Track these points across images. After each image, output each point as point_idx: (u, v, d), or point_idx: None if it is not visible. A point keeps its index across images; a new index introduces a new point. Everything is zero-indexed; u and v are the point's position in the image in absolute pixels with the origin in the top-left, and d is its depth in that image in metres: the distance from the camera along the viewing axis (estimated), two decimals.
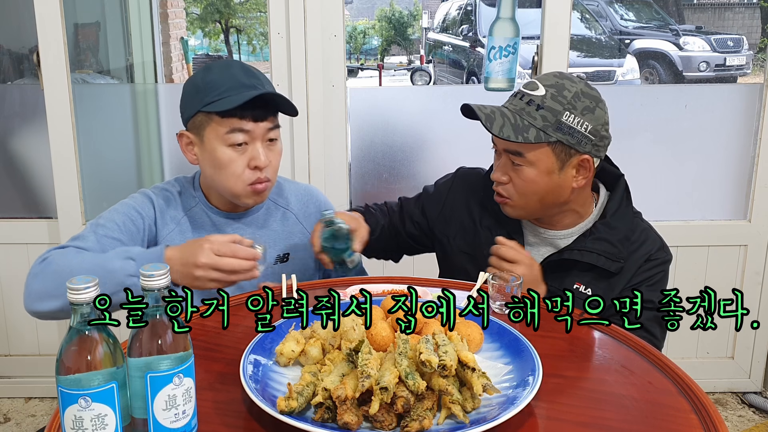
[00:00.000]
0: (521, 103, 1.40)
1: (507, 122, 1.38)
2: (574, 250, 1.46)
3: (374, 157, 2.53)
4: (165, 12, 4.69)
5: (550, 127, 1.37)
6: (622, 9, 8.73)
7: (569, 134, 1.38)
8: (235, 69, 1.44)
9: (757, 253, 2.55)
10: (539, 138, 1.37)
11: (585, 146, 1.40)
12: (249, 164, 1.42)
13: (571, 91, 1.39)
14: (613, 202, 1.50)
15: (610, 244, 1.45)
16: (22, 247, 2.52)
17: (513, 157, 1.41)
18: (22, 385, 2.64)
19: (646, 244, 1.49)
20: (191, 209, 1.54)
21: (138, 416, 0.85)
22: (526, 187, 1.42)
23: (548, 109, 1.37)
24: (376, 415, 0.86)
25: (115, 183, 2.61)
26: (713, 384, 2.68)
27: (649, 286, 1.47)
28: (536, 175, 1.40)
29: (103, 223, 1.44)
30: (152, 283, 0.82)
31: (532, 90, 1.40)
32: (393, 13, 13.97)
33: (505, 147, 1.42)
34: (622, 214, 1.49)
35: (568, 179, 1.43)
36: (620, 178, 1.54)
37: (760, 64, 8.61)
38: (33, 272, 1.36)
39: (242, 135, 1.40)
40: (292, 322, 1.13)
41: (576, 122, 1.38)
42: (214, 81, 1.41)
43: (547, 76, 1.44)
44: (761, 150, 2.47)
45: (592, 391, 1.01)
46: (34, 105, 2.46)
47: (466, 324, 1.09)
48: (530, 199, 1.44)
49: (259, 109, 1.40)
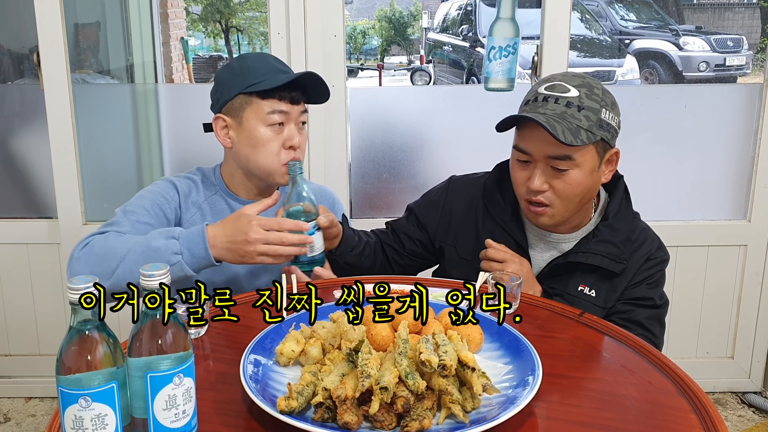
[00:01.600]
0: (560, 107, 1.37)
1: (563, 127, 1.34)
2: (578, 252, 1.46)
3: (374, 157, 2.53)
4: (165, 12, 4.69)
5: (594, 126, 1.37)
6: (622, 9, 8.73)
7: (607, 130, 1.39)
8: (269, 57, 1.58)
9: (757, 253, 2.55)
10: (590, 138, 1.36)
11: (614, 140, 1.43)
12: (284, 144, 1.52)
13: (598, 88, 1.41)
14: (614, 204, 1.50)
15: (613, 246, 1.45)
16: (22, 247, 2.52)
17: (557, 163, 1.37)
18: (22, 385, 2.64)
19: (646, 243, 1.49)
20: (211, 196, 1.62)
21: (138, 416, 0.85)
22: (571, 190, 1.39)
23: (589, 109, 1.37)
24: (376, 415, 0.87)
25: (116, 183, 2.61)
26: (713, 384, 2.68)
27: (648, 285, 1.47)
28: (583, 177, 1.39)
29: (132, 209, 1.51)
30: (152, 283, 0.82)
31: (564, 92, 1.38)
32: (393, 13, 13.97)
33: (550, 153, 1.37)
34: (624, 215, 1.50)
35: (601, 175, 1.45)
36: (619, 180, 1.54)
37: (760, 64, 8.60)
38: (75, 256, 1.40)
39: (280, 116, 1.51)
40: (292, 321, 1.13)
41: (611, 117, 1.40)
42: (253, 66, 1.52)
43: (567, 76, 1.43)
44: (761, 150, 2.47)
45: (591, 391, 1.01)
46: (34, 105, 2.46)
47: (466, 324, 1.09)
48: (572, 202, 1.41)
49: (295, 93, 1.52)
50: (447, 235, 1.61)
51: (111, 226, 1.46)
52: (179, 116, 2.65)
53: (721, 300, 2.60)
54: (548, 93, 1.39)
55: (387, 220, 1.75)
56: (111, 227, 1.46)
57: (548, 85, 1.41)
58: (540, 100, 1.39)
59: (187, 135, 2.61)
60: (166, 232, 1.38)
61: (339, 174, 2.42)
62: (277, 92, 1.50)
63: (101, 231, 1.45)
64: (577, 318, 1.27)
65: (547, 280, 1.49)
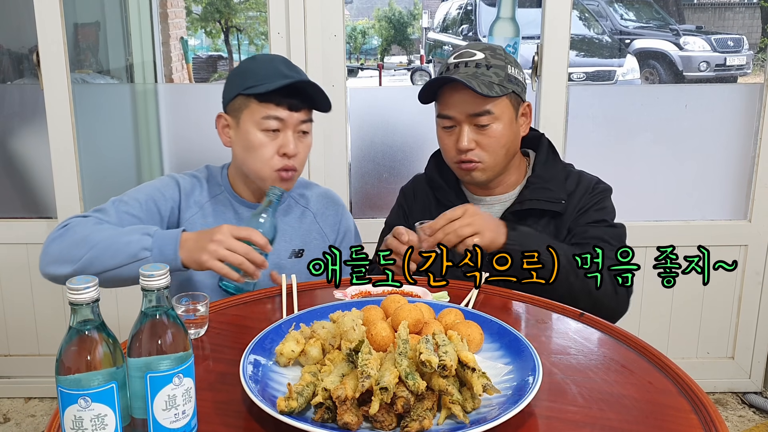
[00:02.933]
0: (471, 69, 1.50)
1: (477, 82, 1.46)
2: (515, 203, 1.57)
3: (374, 157, 2.53)
4: (165, 12, 4.69)
5: (504, 81, 1.50)
6: (622, 9, 8.72)
7: (516, 84, 1.53)
8: (277, 60, 1.55)
9: (757, 253, 2.55)
10: (504, 90, 1.49)
11: (524, 94, 1.57)
12: (279, 151, 1.50)
13: (500, 50, 1.55)
14: (541, 156, 1.62)
15: (546, 190, 1.56)
16: (22, 247, 2.52)
17: (479, 119, 1.49)
18: (22, 385, 2.64)
19: (583, 182, 1.60)
20: (216, 196, 1.61)
21: (138, 416, 0.85)
22: (496, 143, 1.51)
23: (496, 67, 1.51)
24: (376, 415, 0.86)
25: (115, 183, 2.61)
26: (713, 384, 2.68)
27: (597, 210, 1.56)
28: (503, 128, 1.51)
29: (125, 200, 1.50)
30: (152, 283, 0.82)
31: (471, 57, 1.52)
32: (393, 13, 13.96)
33: (471, 111, 1.49)
34: (551, 165, 1.61)
35: (519, 127, 1.58)
36: (542, 137, 1.65)
37: (760, 64, 8.60)
38: (52, 236, 1.40)
39: (276, 122, 1.48)
40: (292, 321, 1.13)
41: (516, 72, 1.54)
42: (257, 68, 1.51)
43: (471, 44, 1.58)
44: (761, 150, 2.47)
45: (592, 391, 1.01)
46: (34, 105, 2.46)
47: (466, 324, 1.09)
48: (499, 154, 1.53)
49: (295, 99, 1.48)
50: None
51: (97, 212, 1.45)
52: (179, 116, 2.65)
53: (721, 300, 2.60)
54: (458, 60, 1.53)
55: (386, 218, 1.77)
56: (96, 213, 1.45)
57: (456, 54, 1.55)
58: (452, 68, 1.52)
59: (187, 135, 2.61)
60: (143, 229, 1.37)
61: (339, 174, 2.42)
62: (275, 97, 1.46)
63: (85, 214, 1.44)
64: (577, 318, 1.27)
65: None
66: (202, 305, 1.18)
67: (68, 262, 1.35)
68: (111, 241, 1.34)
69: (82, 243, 1.36)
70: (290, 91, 1.47)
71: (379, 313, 1.12)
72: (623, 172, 2.53)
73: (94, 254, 1.34)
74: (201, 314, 1.18)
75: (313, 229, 1.67)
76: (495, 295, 1.39)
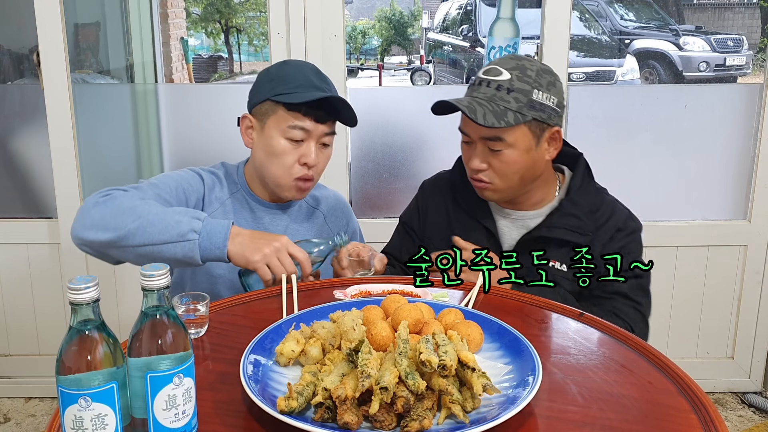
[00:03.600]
0: (491, 90, 1.44)
1: (486, 110, 1.42)
2: (543, 227, 1.52)
3: (374, 157, 2.53)
4: (165, 12, 4.69)
5: (524, 107, 1.43)
6: (622, 9, 8.72)
7: (541, 110, 1.45)
8: (308, 69, 1.53)
9: (757, 253, 2.55)
10: (518, 120, 1.42)
11: (554, 119, 1.48)
12: (299, 160, 1.50)
13: (533, 69, 1.46)
14: (576, 179, 1.57)
15: (576, 218, 1.51)
16: (22, 247, 2.52)
17: (491, 143, 1.45)
18: (22, 385, 2.64)
19: (615, 216, 1.54)
20: (234, 194, 1.61)
21: (138, 416, 0.85)
22: (507, 168, 1.47)
23: (518, 91, 1.43)
24: (376, 415, 0.86)
25: (115, 183, 2.58)
26: (713, 384, 2.68)
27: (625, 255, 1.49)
28: (517, 156, 1.46)
29: (157, 184, 1.49)
30: (152, 283, 0.82)
31: (496, 76, 1.45)
32: (393, 13, 13.96)
33: (483, 135, 1.46)
34: (585, 189, 1.56)
35: (543, 153, 1.50)
36: (579, 157, 1.60)
37: (760, 64, 8.59)
38: (92, 201, 1.38)
39: (302, 132, 1.48)
40: (292, 321, 1.13)
41: (545, 97, 1.45)
42: (289, 75, 1.50)
43: (505, 60, 1.49)
44: (761, 150, 2.47)
45: (592, 391, 1.01)
46: (34, 105, 2.46)
47: (466, 324, 1.09)
48: (511, 179, 1.49)
49: (323, 111, 1.49)
50: (424, 232, 1.68)
51: (135, 189, 1.44)
52: (179, 116, 2.65)
53: (721, 300, 2.60)
54: (483, 77, 1.48)
55: (387, 219, 1.77)
56: (135, 190, 1.43)
57: (485, 69, 1.49)
58: (476, 84, 1.49)
59: (187, 135, 2.61)
60: (193, 212, 1.37)
61: (339, 174, 2.42)
62: (304, 108, 1.47)
63: (124, 188, 1.43)
64: (577, 318, 1.27)
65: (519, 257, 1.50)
66: (203, 305, 1.18)
67: (111, 229, 1.33)
68: (160, 216, 1.33)
69: (129, 212, 1.34)
70: (320, 104, 1.47)
71: (379, 313, 1.12)
72: (623, 173, 2.53)
73: (141, 225, 1.32)
74: (201, 314, 1.18)
75: (323, 230, 1.69)
76: (495, 295, 1.39)
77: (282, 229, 1.62)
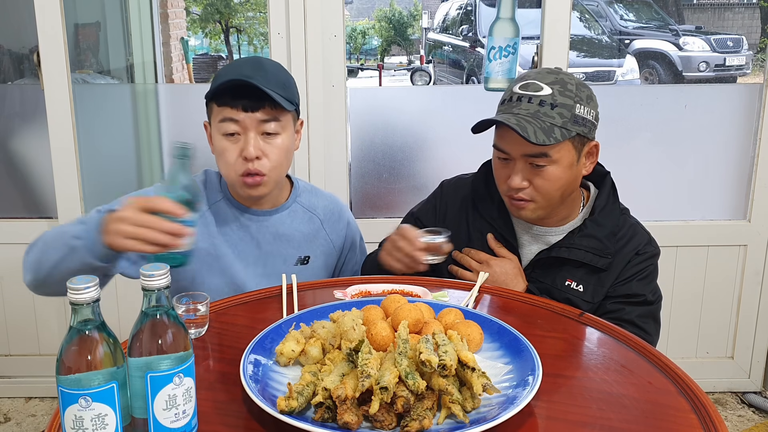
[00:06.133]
0: (533, 106, 1.39)
1: (535, 128, 1.36)
2: (562, 247, 1.48)
3: (374, 157, 2.53)
4: (165, 12, 4.69)
5: (568, 122, 1.39)
6: (622, 9, 8.72)
7: (583, 125, 1.41)
8: (243, 62, 1.47)
9: (757, 253, 2.55)
10: (564, 135, 1.38)
11: (592, 133, 1.45)
12: (240, 154, 1.43)
13: (572, 83, 1.42)
14: (601, 199, 1.53)
15: (597, 240, 1.47)
16: (22, 247, 2.50)
17: (535, 160, 1.39)
18: (22, 385, 2.64)
19: (635, 239, 1.51)
20: (216, 203, 1.55)
21: (138, 416, 0.85)
22: (550, 186, 1.42)
23: (562, 106, 1.39)
24: (376, 415, 0.87)
25: (115, 183, 2.61)
26: (713, 384, 2.68)
27: (639, 280, 1.48)
28: (561, 172, 1.41)
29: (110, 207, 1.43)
30: (153, 283, 0.82)
31: (537, 91, 1.40)
32: (393, 14, 13.97)
33: (527, 152, 1.39)
34: (610, 211, 1.52)
35: (581, 168, 1.47)
36: (606, 176, 1.57)
37: (759, 64, 8.59)
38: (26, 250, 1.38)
39: (234, 125, 1.41)
40: (292, 321, 1.13)
41: (586, 112, 1.42)
42: (222, 71, 1.45)
43: (542, 74, 1.44)
44: (761, 150, 2.47)
45: (592, 391, 1.01)
46: (34, 105, 2.46)
47: (466, 324, 1.09)
48: (553, 196, 1.43)
49: (249, 99, 1.39)
50: None
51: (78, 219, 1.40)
52: (179, 116, 2.65)
53: (721, 300, 2.60)
54: (522, 92, 1.42)
55: (387, 219, 1.76)
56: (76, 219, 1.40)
57: (522, 84, 1.43)
58: (514, 100, 1.42)
59: (187, 135, 2.61)
60: (82, 218, 1.32)
61: (339, 174, 2.42)
62: (228, 99, 1.39)
63: None
64: (577, 318, 1.27)
65: (535, 273, 1.51)
66: (203, 305, 1.18)
67: (25, 269, 1.34)
68: (55, 235, 1.30)
69: (33, 246, 1.33)
70: (244, 91, 1.38)
71: (379, 312, 1.12)
72: (623, 172, 2.50)
73: (42, 251, 1.30)
74: (201, 314, 1.19)
75: (320, 235, 1.63)
76: (495, 295, 1.40)
77: (271, 237, 1.56)
